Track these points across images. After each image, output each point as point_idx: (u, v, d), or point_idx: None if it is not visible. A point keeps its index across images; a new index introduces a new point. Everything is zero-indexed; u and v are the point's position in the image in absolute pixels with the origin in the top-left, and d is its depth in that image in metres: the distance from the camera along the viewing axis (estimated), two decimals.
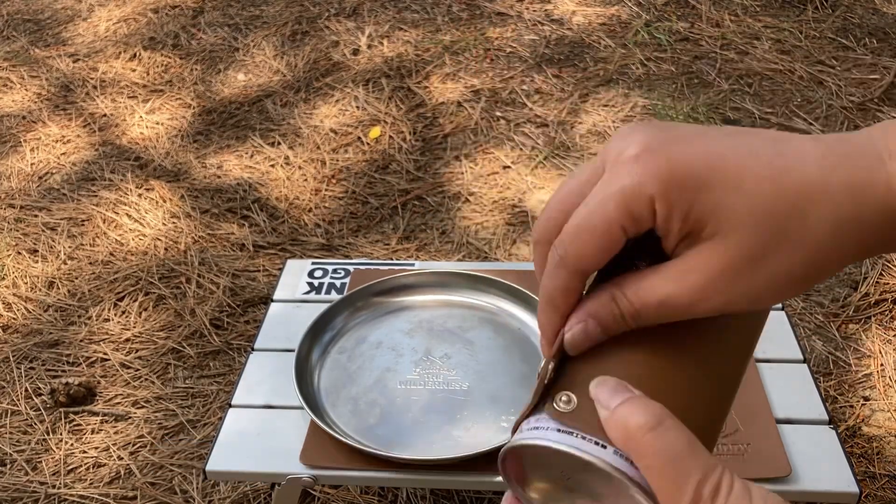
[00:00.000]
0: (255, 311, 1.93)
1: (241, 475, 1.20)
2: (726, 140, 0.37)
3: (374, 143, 2.45)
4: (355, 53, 2.85)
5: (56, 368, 1.84)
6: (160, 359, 1.84)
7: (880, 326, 1.80)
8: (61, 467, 1.63)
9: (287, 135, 2.51)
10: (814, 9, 2.95)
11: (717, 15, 2.96)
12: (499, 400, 1.20)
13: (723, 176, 0.35)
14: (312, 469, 1.13)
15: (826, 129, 2.41)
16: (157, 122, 2.60)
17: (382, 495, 1.53)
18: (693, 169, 0.35)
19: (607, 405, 0.36)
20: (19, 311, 1.98)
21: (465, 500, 1.51)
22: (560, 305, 0.39)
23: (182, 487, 1.58)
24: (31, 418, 1.73)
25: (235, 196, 2.29)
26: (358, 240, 2.13)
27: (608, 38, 2.86)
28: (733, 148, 0.36)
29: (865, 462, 1.56)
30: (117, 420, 1.72)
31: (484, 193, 2.25)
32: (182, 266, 2.06)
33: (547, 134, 2.44)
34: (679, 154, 0.36)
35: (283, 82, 2.74)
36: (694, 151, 0.36)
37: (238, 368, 1.77)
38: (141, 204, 2.27)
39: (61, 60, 2.92)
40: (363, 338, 1.31)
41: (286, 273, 1.49)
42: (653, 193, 0.35)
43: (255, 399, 1.25)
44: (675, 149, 0.36)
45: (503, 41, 2.89)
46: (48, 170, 2.44)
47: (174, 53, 2.93)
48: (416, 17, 3.05)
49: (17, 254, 2.14)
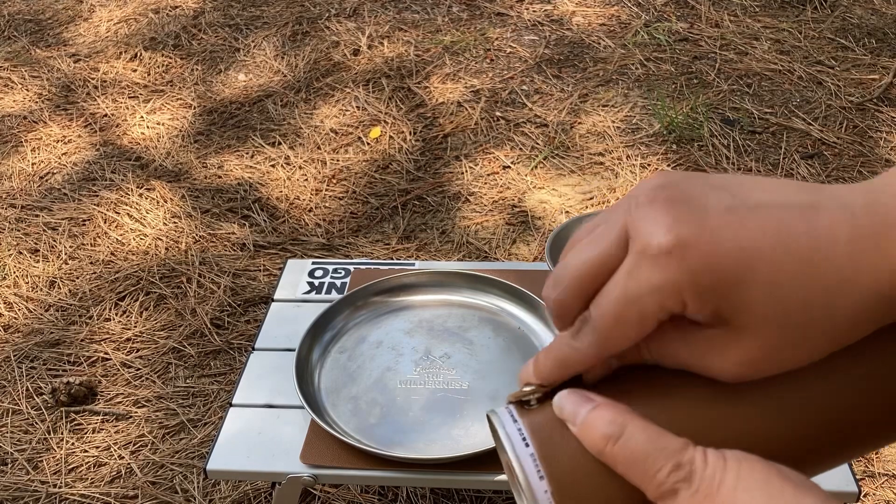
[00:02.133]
0: (256, 311, 1.93)
1: (242, 474, 1.20)
2: (757, 222, 0.36)
3: (375, 144, 2.46)
4: (356, 54, 2.86)
5: (57, 368, 1.84)
6: (161, 358, 1.85)
7: None
8: (62, 466, 1.64)
9: (287, 135, 2.51)
10: (813, 9, 2.96)
11: (716, 15, 2.96)
12: (499, 400, 1.20)
13: (756, 276, 0.36)
14: (313, 468, 1.14)
15: (825, 129, 2.41)
16: (158, 122, 2.61)
17: (382, 494, 1.53)
18: (728, 269, 0.36)
19: (573, 421, 0.38)
20: (20, 311, 1.98)
21: (465, 499, 1.51)
22: (569, 369, 0.40)
23: (183, 486, 1.58)
24: (33, 418, 1.74)
25: (236, 196, 2.29)
26: (358, 239, 2.13)
27: (608, 39, 2.87)
28: (765, 235, 0.36)
29: (864, 461, 1.56)
30: (118, 419, 1.72)
31: (484, 193, 2.25)
32: (183, 266, 2.06)
33: (547, 134, 2.45)
34: (713, 252, 0.36)
35: (283, 82, 2.74)
36: (728, 248, 0.36)
37: (239, 368, 1.78)
38: (142, 204, 2.27)
39: (62, 61, 2.92)
40: (363, 337, 1.32)
41: (287, 273, 1.49)
42: (687, 293, 0.36)
43: (255, 398, 1.26)
44: (708, 242, 0.36)
45: (503, 41, 2.89)
46: (49, 170, 2.45)
47: (175, 54, 2.93)
48: (417, 17, 3.05)
49: (19, 254, 2.14)
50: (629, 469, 0.36)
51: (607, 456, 0.37)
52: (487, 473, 1.12)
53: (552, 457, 0.38)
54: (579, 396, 0.38)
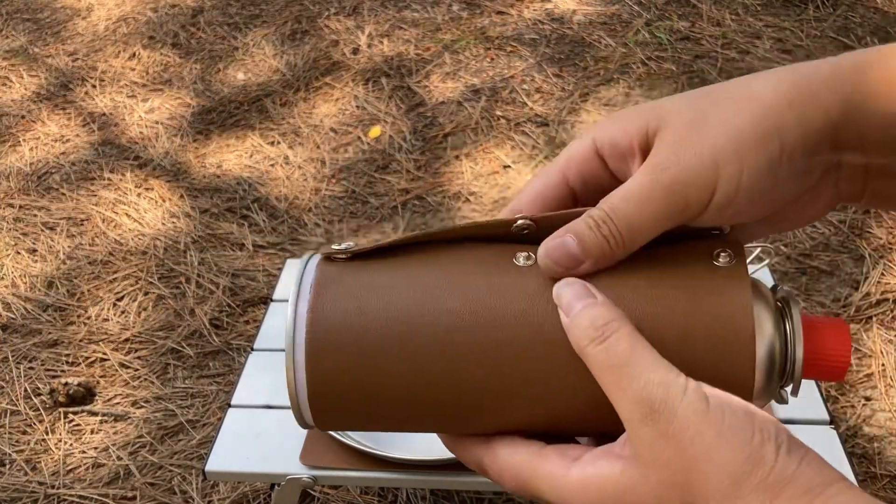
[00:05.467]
0: (255, 311, 1.92)
1: (241, 475, 1.19)
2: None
3: (374, 143, 2.45)
4: (355, 52, 2.85)
5: (55, 368, 1.83)
6: (159, 359, 1.84)
7: (881, 326, 1.79)
8: (60, 467, 1.63)
9: (287, 134, 2.50)
10: (815, 8, 2.95)
11: (717, 14, 2.95)
12: None
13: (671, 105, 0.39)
14: (312, 469, 1.13)
15: None
16: (157, 121, 2.60)
17: (382, 496, 1.52)
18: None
19: (567, 311, 0.37)
20: (18, 311, 1.98)
21: (464, 501, 1.50)
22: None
23: (181, 488, 1.58)
24: (31, 418, 1.73)
25: (235, 195, 2.28)
26: (358, 239, 2.12)
27: (609, 38, 2.86)
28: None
29: (866, 462, 1.55)
30: (116, 420, 1.72)
31: (484, 193, 2.25)
32: (181, 266, 2.05)
33: (547, 133, 2.44)
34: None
35: (282, 81, 2.73)
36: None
37: (238, 368, 1.77)
38: (140, 203, 2.26)
39: (60, 59, 2.91)
40: None
41: (286, 273, 1.49)
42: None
43: (254, 399, 1.25)
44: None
45: (503, 40, 2.88)
46: (47, 169, 2.44)
47: (173, 52, 2.92)
48: (416, 15, 3.04)
49: (17, 253, 2.13)
50: (603, 373, 0.35)
51: (587, 354, 0.35)
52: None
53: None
54: (581, 288, 0.37)
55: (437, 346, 0.38)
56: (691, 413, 0.33)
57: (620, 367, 0.34)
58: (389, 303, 0.38)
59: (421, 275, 0.39)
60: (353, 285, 0.39)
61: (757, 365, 0.37)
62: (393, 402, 0.39)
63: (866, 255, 1.93)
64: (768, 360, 0.38)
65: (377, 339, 0.38)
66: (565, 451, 0.37)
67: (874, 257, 1.92)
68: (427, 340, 0.38)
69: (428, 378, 0.38)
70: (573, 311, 0.36)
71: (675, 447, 0.33)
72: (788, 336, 0.38)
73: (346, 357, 0.38)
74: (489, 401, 0.38)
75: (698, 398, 0.33)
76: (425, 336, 0.38)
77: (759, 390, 0.38)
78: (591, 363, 0.35)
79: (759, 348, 0.37)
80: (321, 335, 0.38)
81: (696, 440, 0.32)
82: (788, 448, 0.32)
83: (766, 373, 0.38)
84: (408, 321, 0.38)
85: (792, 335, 0.38)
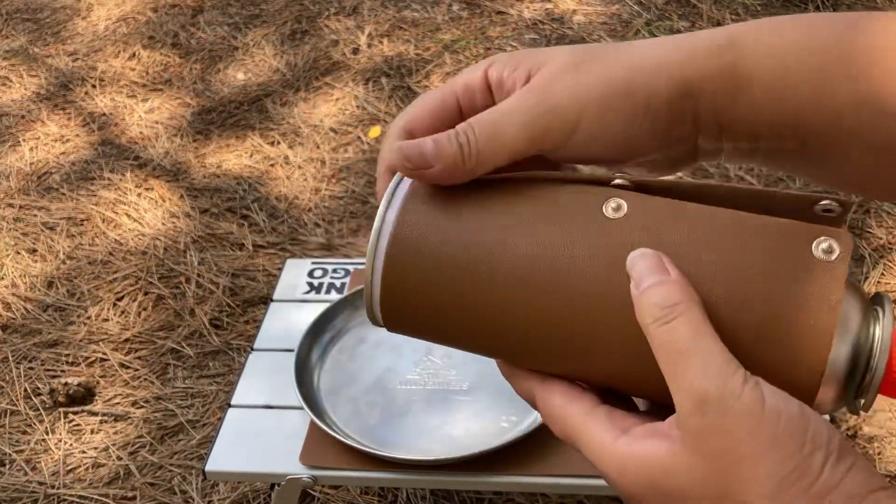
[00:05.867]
0: (255, 311, 1.92)
1: (241, 475, 1.19)
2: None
3: (375, 143, 2.45)
4: (355, 52, 2.85)
5: (55, 368, 1.83)
6: (159, 359, 1.84)
7: None
8: (60, 467, 1.63)
9: (287, 134, 2.50)
10: (815, 8, 2.95)
11: (718, 14, 2.95)
12: (499, 400, 1.20)
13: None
14: (312, 469, 1.13)
15: None
16: (157, 121, 2.60)
17: (382, 496, 1.52)
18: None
19: (638, 283, 0.36)
20: (18, 311, 1.98)
21: (464, 500, 1.50)
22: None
23: (181, 488, 1.58)
24: (31, 418, 1.73)
25: (235, 195, 2.28)
26: (358, 239, 2.12)
27: (609, 37, 2.86)
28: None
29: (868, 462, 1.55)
30: (116, 420, 1.72)
31: None
32: (181, 266, 2.05)
33: None
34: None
35: (282, 81, 2.73)
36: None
37: (238, 368, 1.77)
38: (140, 203, 2.27)
39: (60, 59, 2.91)
40: (363, 338, 1.31)
41: (286, 273, 1.49)
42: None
43: (254, 399, 1.25)
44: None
45: (503, 40, 2.88)
46: (47, 169, 2.44)
47: (173, 52, 2.92)
48: (416, 15, 3.04)
49: (17, 253, 2.13)
50: (662, 355, 0.35)
51: (650, 333, 0.35)
52: (487, 475, 1.11)
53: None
54: (656, 261, 0.36)
55: (514, 279, 0.38)
56: (745, 413, 0.33)
57: (679, 353, 0.34)
58: (468, 229, 0.39)
59: (509, 209, 0.40)
60: (442, 204, 0.40)
61: (830, 373, 0.35)
62: (459, 321, 0.40)
63: (866, 255, 1.93)
64: (846, 366, 0.35)
65: (454, 258, 0.39)
66: (616, 418, 0.37)
67: (874, 257, 1.92)
68: (505, 274, 0.38)
69: (500, 308, 0.38)
70: (643, 285, 0.35)
71: (724, 443, 0.33)
72: (875, 344, 0.35)
73: (421, 272, 0.39)
74: (555, 344, 0.38)
75: (754, 399, 0.33)
76: (504, 267, 0.38)
77: (827, 400, 0.36)
78: (653, 342, 0.35)
79: (840, 351, 0.35)
80: (402, 245, 0.40)
81: (746, 441, 0.32)
82: (838, 457, 0.32)
83: (838, 382, 0.35)
84: (489, 252, 0.39)
85: (879, 343, 0.35)
